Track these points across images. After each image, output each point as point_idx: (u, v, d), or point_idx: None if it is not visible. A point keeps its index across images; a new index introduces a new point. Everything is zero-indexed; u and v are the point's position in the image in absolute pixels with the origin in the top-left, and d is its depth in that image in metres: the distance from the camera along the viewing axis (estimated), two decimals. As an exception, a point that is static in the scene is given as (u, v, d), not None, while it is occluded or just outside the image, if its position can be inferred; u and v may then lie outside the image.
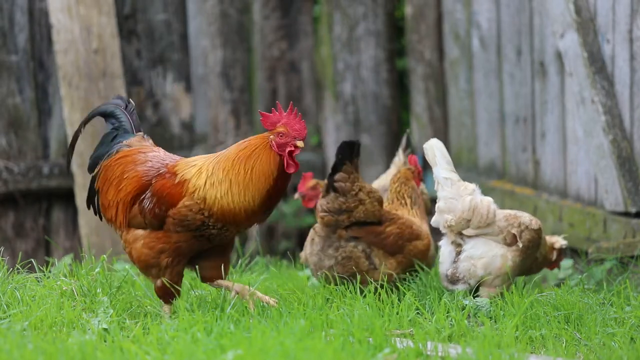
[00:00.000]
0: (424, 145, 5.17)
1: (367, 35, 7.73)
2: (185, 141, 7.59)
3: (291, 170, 4.57)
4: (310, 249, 5.19)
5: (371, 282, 5.05)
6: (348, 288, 4.99)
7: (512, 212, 5.17)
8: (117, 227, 4.74)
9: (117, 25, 7.29)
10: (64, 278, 5.06)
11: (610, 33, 6.09)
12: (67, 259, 5.95)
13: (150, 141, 4.86)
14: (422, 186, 5.76)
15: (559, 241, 5.42)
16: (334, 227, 5.10)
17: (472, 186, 5.14)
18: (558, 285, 5.78)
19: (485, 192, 5.26)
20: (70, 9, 7.13)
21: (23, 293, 4.81)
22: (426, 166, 6.10)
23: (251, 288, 4.74)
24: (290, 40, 7.79)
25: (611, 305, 4.99)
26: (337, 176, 5.07)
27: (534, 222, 5.16)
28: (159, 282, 4.63)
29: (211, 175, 4.60)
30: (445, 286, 5.12)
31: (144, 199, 4.64)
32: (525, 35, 6.84)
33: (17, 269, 5.19)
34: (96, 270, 5.08)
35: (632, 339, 4.48)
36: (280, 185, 4.59)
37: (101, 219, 4.85)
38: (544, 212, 6.57)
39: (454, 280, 5.09)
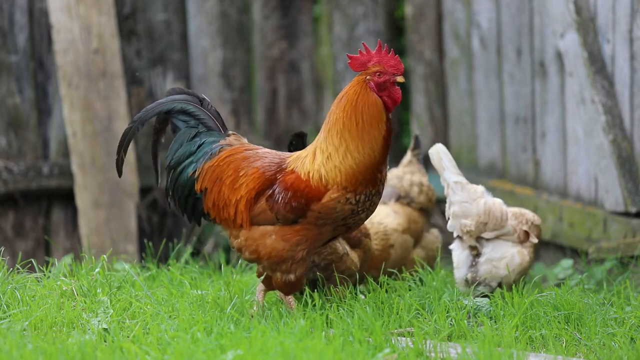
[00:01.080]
0: (429, 151, 5.19)
1: (367, 35, 7.73)
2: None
3: (391, 109, 4.44)
4: None
5: (346, 271, 5.03)
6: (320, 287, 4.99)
7: (517, 209, 5.22)
8: (234, 225, 4.57)
9: (117, 25, 7.29)
10: (64, 278, 5.06)
11: (611, 33, 6.09)
12: (67, 259, 5.95)
13: (246, 139, 4.73)
14: (428, 182, 5.78)
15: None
16: None
17: (481, 188, 5.17)
18: (558, 285, 5.78)
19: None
20: (70, 9, 7.13)
21: (23, 293, 4.81)
22: (427, 166, 6.11)
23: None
24: (290, 40, 7.79)
25: (611, 305, 4.99)
26: None
27: (537, 219, 5.22)
28: (292, 276, 4.53)
29: (325, 149, 4.46)
30: (463, 291, 5.13)
31: (272, 194, 4.51)
32: (525, 35, 6.84)
33: (17, 269, 5.18)
34: (96, 270, 5.08)
35: (632, 339, 4.48)
36: (391, 129, 4.46)
37: (198, 221, 4.70)
38: (544, 212, 6.57)
39: (480, 282, 5.11)
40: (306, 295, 4.83)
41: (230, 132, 4.71)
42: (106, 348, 4.13)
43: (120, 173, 4.76)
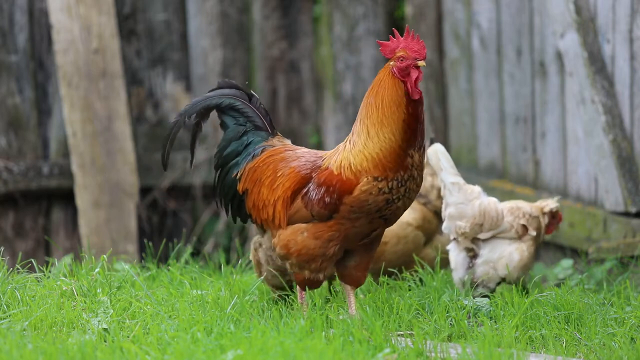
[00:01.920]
0: (428, 151, 5.18)
1: (367, 35, 7.73)
2: (185, 141, 7.58)
3: (415, 96, 4.38)
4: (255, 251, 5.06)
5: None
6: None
7: (513, 203, 5.20)
8: (274, 225, 4.55)
9: (117, 25, 7.29)
10: (64, 278, 5.06)
11: (611, 33, 6.09)
12: (67, 259, 5.95)
13: (289, 141, 4.70)
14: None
15: (548, 204, 5.31)
16: None
17: (477, 189, 5.16)
18: (558, 285, 5.78)
19: (485, 192, 5.27)
20: (70, 9, 7.13)
21: (23, 293, 4.80)
22: None
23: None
24: (290, 40, 7.79)
25: (611, 305, 4.99)
26: None
27: (534, 210, 5.19)
28: (320, 276, 4.48)
29: (350, 139, 4.44)
30: (463, 292, 5.12)
31: (307, 191, 4.48)
32: (525, 35, 6.84)
33: (17, 269, 5.18)
34: (96, 270, 5.08)
35: (632, 339, 4.48)
36: (415, 114, 4.39)
37: (244, 221, 4.68)
38: (544, 212, 6.57)
39: (480, 284, 5.10)
40: (306, 295, 4.82)
41: (277, 135, 4.69)
42: (106, 348, 4.13)
43: (165, 166, 4.73)
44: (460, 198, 5.11)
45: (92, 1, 7.17)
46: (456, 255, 5.15)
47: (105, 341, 4.30)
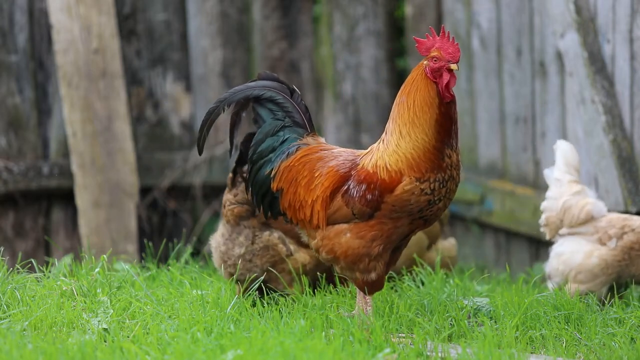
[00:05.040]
0: (554, 146, 5.32)
1: (367, 35, 7.73)
2: (185, 141, 7.60)
3: (446, 99, 4.35)
4: (216, 242, 5.01)
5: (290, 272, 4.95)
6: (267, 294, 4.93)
7: (623, 216, 5.19)
8: (311, 226, 4.49)
9: (117, 25, 7.29)
10: (64, 278, 5.06)
11: (611, 33, 6.09)
12: (67, 259, 5.95)
13: (323, 139, 4.66)
14: None
15: None
16: (245, 218, 4.94)
17: (578, 187, 5.18)
18: (558, 285, 5.78)
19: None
20: (70, 9, 7.13)
21: (23, 293, 4.80)
22: None
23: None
24: (290, 40, 7.79)
25: (611, 305, 4.99)
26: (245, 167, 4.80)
27: None
28: (372, 275, 4.42)
29: (384, 138, 4.42)
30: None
31: (347, 189, 4.43)
32: (525, 35, 6.84)
33: (17, 269, 5.18)
34: (96, 270, 5.08)
35: (632, 339, 4.48)
36: (448, 114, 4.35)
37: (275, 218, 4.62)
38: (544, 212, 6.57)
39: (549, 277, 5.17)
40: (306, 295, 4.83)
41: (312, 133, 4.65)
42: (106, 348, 4.13)
43: (200, 152, 4.62)
44: (555, 194, 5.19)
45: (92, 1, 7.17)
46: (553, 247, 5.23)
47: (105, 341, 4.30)
